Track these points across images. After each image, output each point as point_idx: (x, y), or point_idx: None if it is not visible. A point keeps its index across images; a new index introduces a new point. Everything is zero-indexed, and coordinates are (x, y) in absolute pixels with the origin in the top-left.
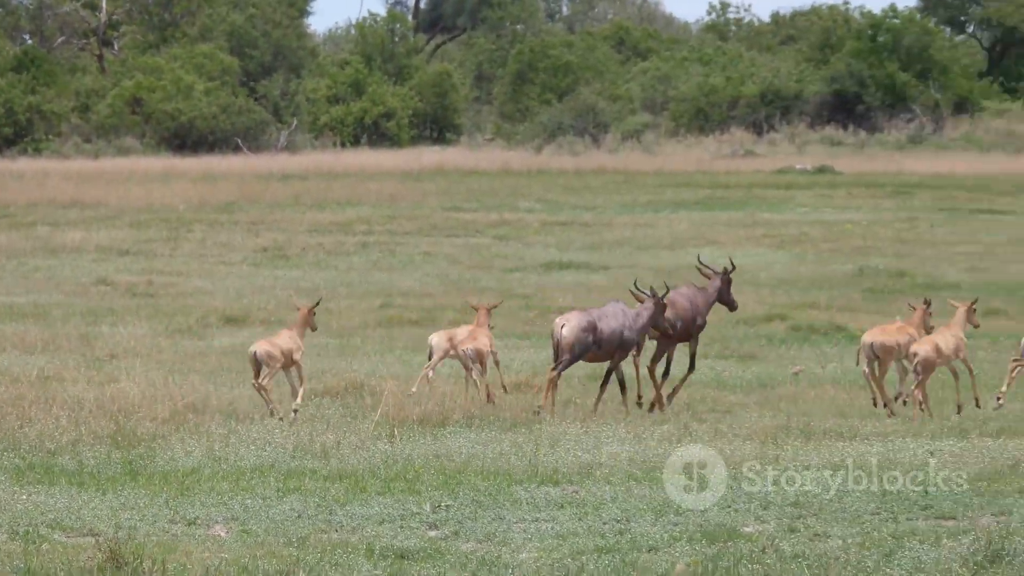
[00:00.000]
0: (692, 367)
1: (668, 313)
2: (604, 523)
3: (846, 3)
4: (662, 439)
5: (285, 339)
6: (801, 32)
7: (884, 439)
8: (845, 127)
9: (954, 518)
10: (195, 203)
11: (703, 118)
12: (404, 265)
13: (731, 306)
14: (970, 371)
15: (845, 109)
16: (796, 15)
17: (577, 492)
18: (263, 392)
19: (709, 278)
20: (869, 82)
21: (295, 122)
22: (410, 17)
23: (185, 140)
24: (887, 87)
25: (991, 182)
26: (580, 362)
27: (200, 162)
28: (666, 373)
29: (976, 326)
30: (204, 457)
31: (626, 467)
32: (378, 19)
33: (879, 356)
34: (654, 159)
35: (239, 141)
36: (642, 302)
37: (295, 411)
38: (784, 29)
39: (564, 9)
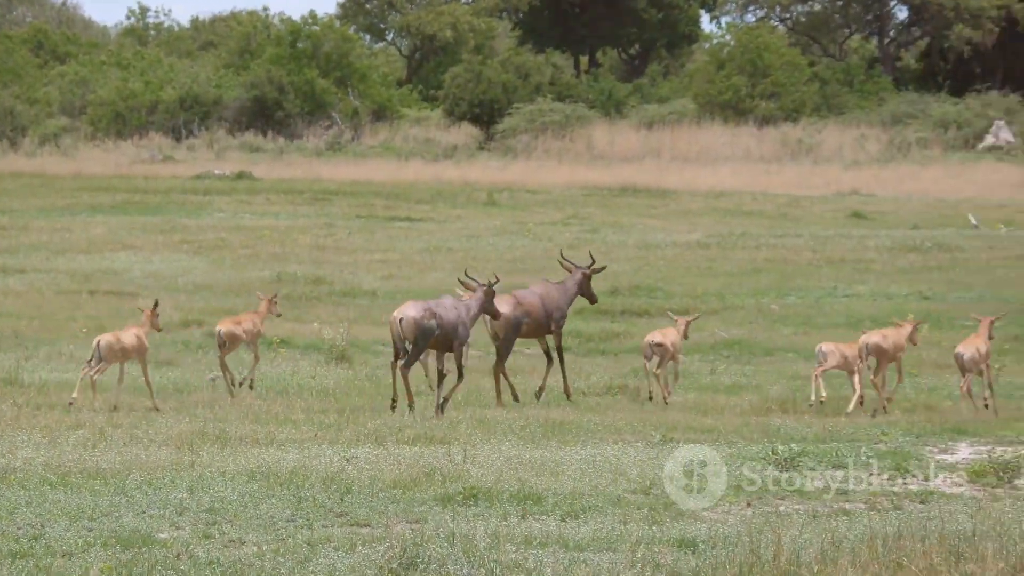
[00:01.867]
0: (558, 359)
1: (518, 310)
2: (19, 528)
3: (266, 9)
4: (77, 444)
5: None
6: (221, 38)
7: (300, 445)
8: (264, 133)
9: (369, 525)
10: None
11: (122, 123)
12: None
13: (591, 299)
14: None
15: (264, 115)
16: (216, 20)
17: None
18: None
19: (570, 271)
20: (288, 89)
21: None
22: None
23: None
24: (306, 94)
25: (409, 189)
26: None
27: None
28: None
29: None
30: None
31: (41, 472)
32: None
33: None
34: (72, 163)
35: None
36: (473, 291)
37: None
38: (204, 34)
39: None
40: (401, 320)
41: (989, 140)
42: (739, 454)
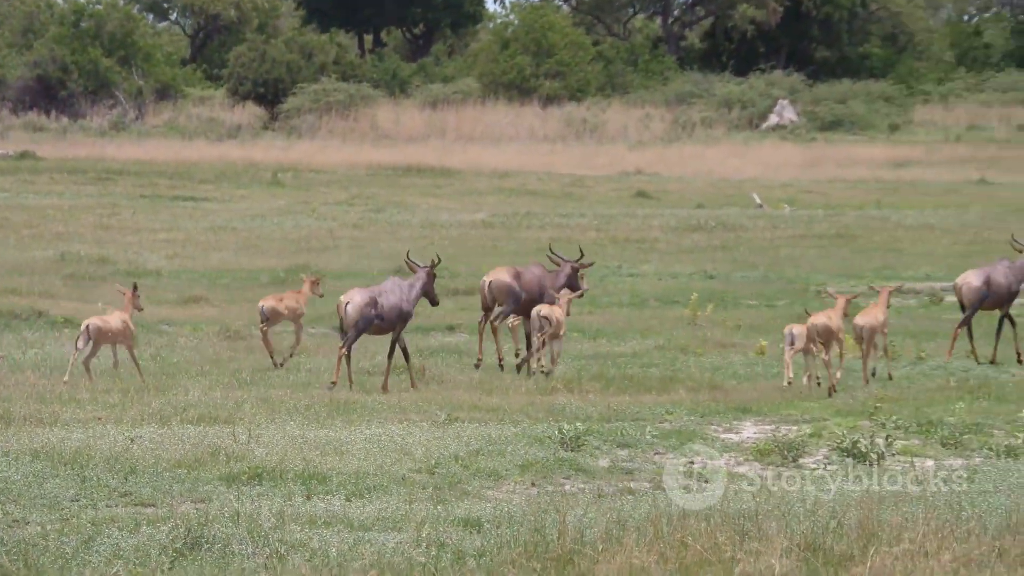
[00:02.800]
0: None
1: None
2: None
3: None
4: None
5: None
6: (3, 17)
7: (85, 425)
8: (48, 113)
9: (154, 505)
10: None
11: None
12: None
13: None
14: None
15: (48, 95)
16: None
17: None
18: None
19: (559, 264)
20: (72, 68)
21: None
22: None
23: None
24: (90, 73)
25: (193, 169)
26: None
27: None
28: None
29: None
30: None
31: None
32: None
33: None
34: None
35: None
36: (415, 271)
37: None
38: None
39: None
40: (347, 305)
41: (773, 119)
42: (524, 433)
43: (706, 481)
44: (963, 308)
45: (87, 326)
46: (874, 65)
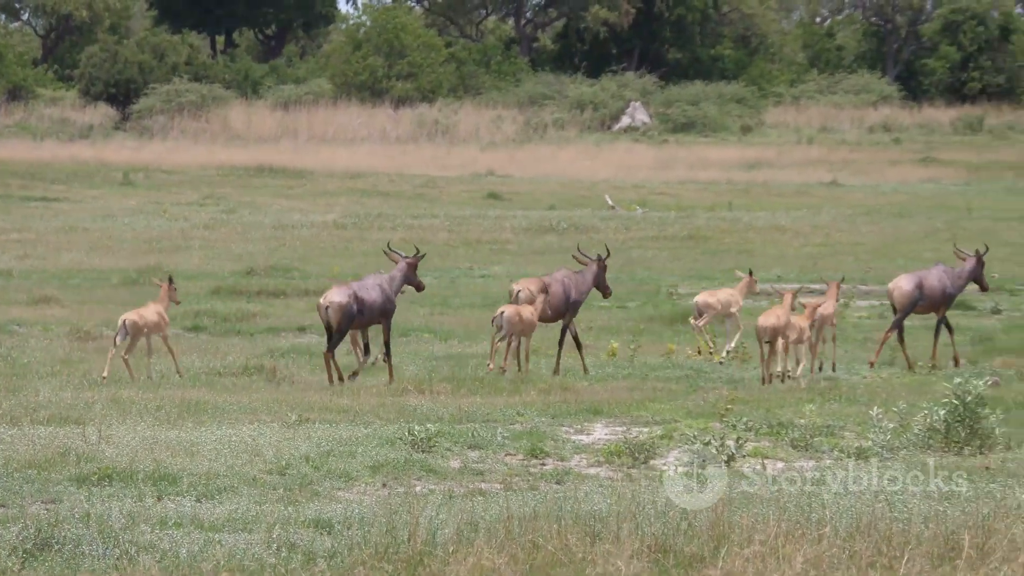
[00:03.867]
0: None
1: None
2: None
3: None
4: None
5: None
6: None
7: None
8: None
9: (4, 505)
10: None
11: None
12: None
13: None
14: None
15: None
16: None
17: None
18: None
19: (585, 264)
20: None
21: None
22: None
23: None
24: None
25: (44, 169)
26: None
27: None
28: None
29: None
30: None
31: None
32: None
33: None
34: None
35: None
36: (398, 264)
37: None
38: None
39: None
40: (328, 307)
41: (625, 121)
42: (375, 435)
43: (557, 483)
44: (895, 312)
45: (124, 321)
46: (726, 67)
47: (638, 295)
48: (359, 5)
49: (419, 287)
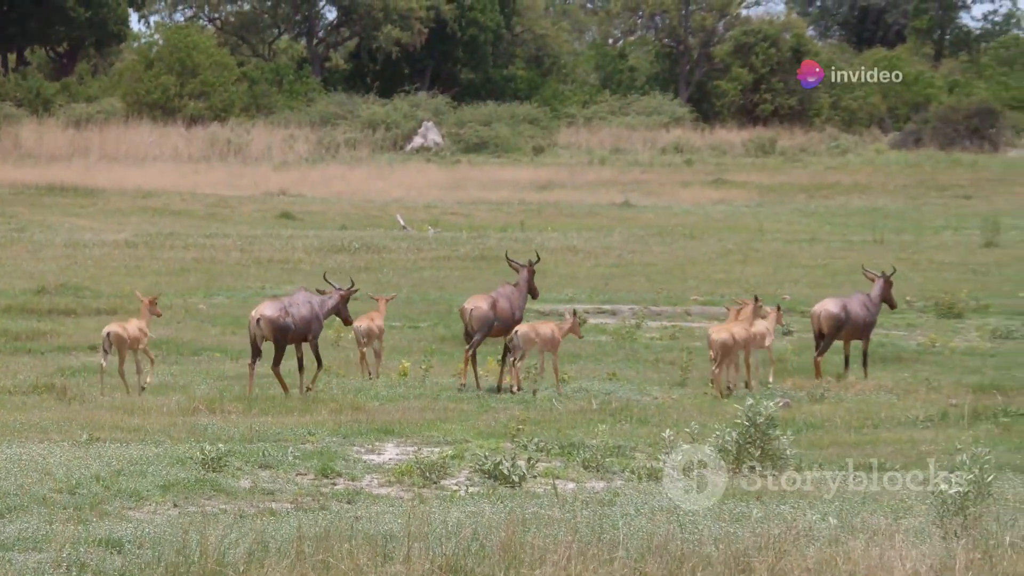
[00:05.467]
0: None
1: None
2: None
3: None
4: None
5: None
6: None
7: None
8: None
9: None
10: None
11: None
12: None
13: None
14: None
15: None
16: None
17: None
18: None
19: (517, 270)
20: None
21: None
22: None
23: None
24: None
25: None
26: None
27: None
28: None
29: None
30: None
31: None
32: None
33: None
34: None
35: None
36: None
37: None
38: None
39: None
40: (259, 320)
41: (418, 141)
42: (166, 454)
43: (348, 502)
44: (821, 336)
45: (107, 334)
46: (519, 87)
47: (429, 315)
48: (151, 24)
49: (347, 321)
